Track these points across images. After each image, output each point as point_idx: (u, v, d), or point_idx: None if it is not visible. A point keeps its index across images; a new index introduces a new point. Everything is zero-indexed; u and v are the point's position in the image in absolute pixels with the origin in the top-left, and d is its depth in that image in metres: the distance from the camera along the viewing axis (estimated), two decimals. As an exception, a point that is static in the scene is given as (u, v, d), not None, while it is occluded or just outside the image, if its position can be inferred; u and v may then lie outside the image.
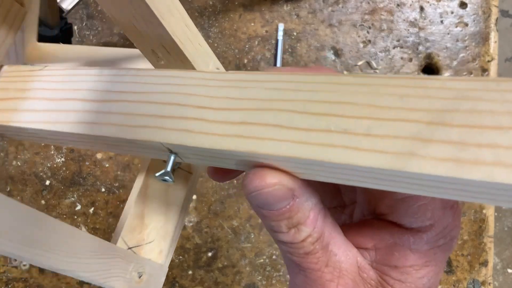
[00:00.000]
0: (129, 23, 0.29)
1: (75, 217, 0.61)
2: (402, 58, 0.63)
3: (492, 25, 0.63)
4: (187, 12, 0.62)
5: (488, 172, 0.14)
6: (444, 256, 0.21)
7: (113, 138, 0.23)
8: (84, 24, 0.61)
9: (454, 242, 0.20)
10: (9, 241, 0.20)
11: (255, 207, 0.19)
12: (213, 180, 0.50)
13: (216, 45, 0.62)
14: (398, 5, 0.63)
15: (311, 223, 0.19)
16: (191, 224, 0.62)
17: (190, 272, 0.63)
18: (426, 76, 0.22)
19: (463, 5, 0.63)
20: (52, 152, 0.61)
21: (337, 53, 0.63)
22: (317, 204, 0.20)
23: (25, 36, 0.37)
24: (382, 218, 0.21)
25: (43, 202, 0.61)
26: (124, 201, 0.59)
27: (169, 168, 0.23)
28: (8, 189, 0.61)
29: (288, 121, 0.18)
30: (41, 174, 0.61)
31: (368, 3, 0.63)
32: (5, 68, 0.31)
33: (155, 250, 0.33)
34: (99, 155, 0.61)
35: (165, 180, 0.23)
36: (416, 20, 0.63)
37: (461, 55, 0.63)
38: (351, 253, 0.20)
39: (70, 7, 0.54)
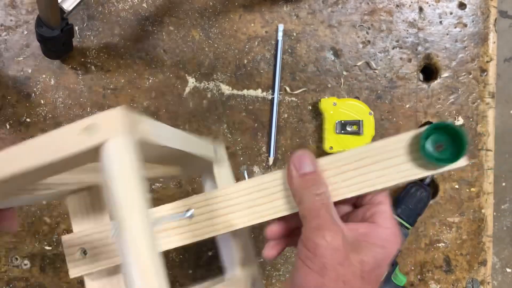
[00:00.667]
0: None
1: (76, 216, 0.62)
2: (401, 58, 0.63)
3: (491, 26, 0.64)
4: (187, 13, 0.62)
5: None
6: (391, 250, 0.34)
7: None
8: (85, 25, 0.61)
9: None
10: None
11: (294, 172, 0.33)
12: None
13: (216, 45, 0.62)
14: (397, 5, 0.63)
15: (325, 186, 0.33)
16: (191, 223, 0.63)
17: (190, 271, 0.63)
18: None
19: (462, 5, 0.64)
20: (53, 152, 0.61)
21: (337, 53, 0.63)
22: (327, 186, 0.33)
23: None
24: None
25: (44, 202, 0.61)
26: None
27: None
28: (9, 189, 0.61)
29: None
30: (42, 174, 0.61)
31: (368, 3, 0.63)
32: None
33: None
34: (99, 155, 0.61)
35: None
36: (415, 20, 0.63)
37: (460, 55, 0.64)
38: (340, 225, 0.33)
39: (71, 8, 0.55)
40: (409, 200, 0.59)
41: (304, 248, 0.32)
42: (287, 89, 0.62)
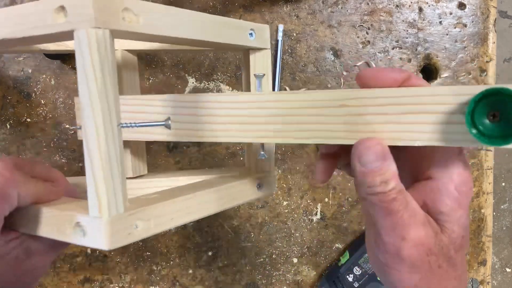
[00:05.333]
0: None
1: (76, 216, 0.62)
2: (401, 58, 0.63)
3: (491, 26, 0.64)
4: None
5: None
6: (467, 201, 0.30)
7: None
8: (85, 25, 0.61)
9: (471, 190, 0.30)
10: None
11: (359, 166, 0.29)
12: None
13: (216, 45, 0.62)
14: (397, 6, 0.63)
15: (395, 179, 0.28)
16: (191, 223, 0.63)
17: (190, 271, 0.63)
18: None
19: (461, 6, 0.64)
20: (54, 152, 0.61)
21: (337, 53, 0.63)
22: (397, 171, 0.29)
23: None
24: (421, 181, 0.31)
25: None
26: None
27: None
28: (10, 189, 0.61)
29: None
30: (42, 174, 0.61)
31: (367, 4, 0.63)
32: None
33: None
34: (100, 155, 0.61)
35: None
36: (415, 21, 0.63)
37: (460, 55, 0.64)
38: (418, 206, 0.30)
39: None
40: None
41: (386, 254, 0.29)
42: (287, 89, 0.62)
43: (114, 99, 0.27)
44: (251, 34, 0.37)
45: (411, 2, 0.63)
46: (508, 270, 1.45)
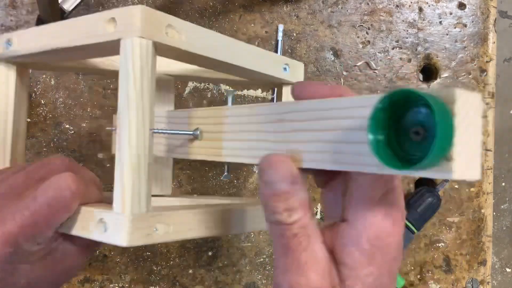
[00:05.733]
0: None
1: (76, 216, 0.62)
2: (401, 58, 0.63)
3: (491, 26, 0.64)
4: (187, 13, 0.62)
5: None
6: (385, 259, 0.24)
7: None
8: (85, 25, 0.61)
9: (391, 246, 0.24)
10: None
11: (263, 186, 0.24)
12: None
13: (216, 45, 0.62)
14: (397, 6, 0.63)
15: (301, 210, 0.24)
16: (191, 223, 0.63)
17: (190, 271, 0.63)
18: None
19: (461, 6, 0.64)
20: (54, 152, 0.61)
21: (337, 53, 0.63)
22: (308, 200, 0.24)
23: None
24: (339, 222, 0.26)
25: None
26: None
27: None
28: (10, 189, 0.61)
29: None
30: (42, 174, 0.61)
31: (367, 4, 0.63)
32: None
33: None
34: (100, 155, 0.61)
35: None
36: (415, 21, 0.63)
37: (460, 55, 0.64)
38: (324, 250, 0.25)
39: (71, 8, 0.55)
40: (419, 205, 0.59)
41: None
42: (287, 89, 0.63)
43: (149, 105, 0.29)
44: (285, 68, 0.39)
45: (411, 2, 0.63)
46: (508, 270, 1.45)
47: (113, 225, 0.28)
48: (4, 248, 0.29)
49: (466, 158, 0.18)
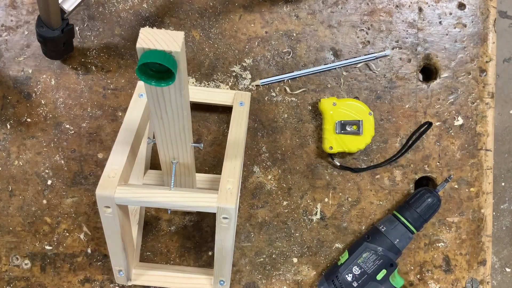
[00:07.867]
0: None
1: (77, 216, 0.62)
2: (401, 58, 0.63)
3: (491, 26, 0.64)
4: (188, 13, 0.62)
5: None
6: None
7: None
8: (85, 25, 0.61)
9: None
10: None
11: None
12: None
13: (216, 45, 0.62)
14: (397, 6, 0.63)
15: None
16: (191, 223, 0.63)
17: (190, 271, 0.63)
18: None
19: (461, 6, 0.64)
20: (54, 152, 0.61)
21: (336, 53, 0.63)
22: None
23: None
24: None
25: (44, 201, 0.61)
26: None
27: None
28: (10, 188, 0.61)
29: None
30: (42, 174, 0.61)
31: (367, 4, 0.63)
32: None
33: None
34: (100, 155, 0.62)
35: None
36: (414, 21, 0.64)
37: (460, 55, 0.64)
38: None
39: (71, 8, 0.55)
40: (419, 205, 0.59)
41: None
42: (287, 89, 0.63)
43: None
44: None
45: (411, 2, 0.63)
46: (508, 270, 1.45)
47: None
48: None
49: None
